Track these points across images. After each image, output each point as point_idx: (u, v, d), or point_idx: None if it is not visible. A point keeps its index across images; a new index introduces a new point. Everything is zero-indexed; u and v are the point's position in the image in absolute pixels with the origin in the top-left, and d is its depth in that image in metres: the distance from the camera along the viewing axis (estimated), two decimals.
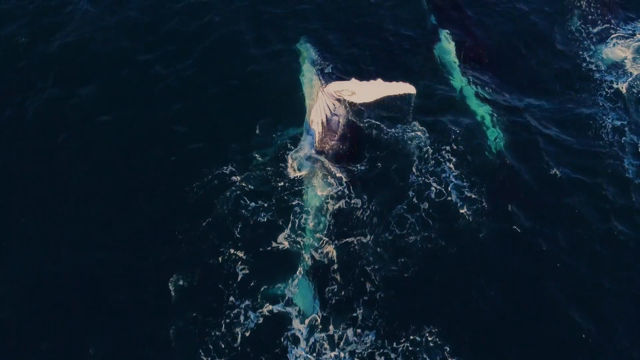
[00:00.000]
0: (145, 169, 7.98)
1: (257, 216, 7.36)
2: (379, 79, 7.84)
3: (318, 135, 8.29)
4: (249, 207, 7.44)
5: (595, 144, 8.81)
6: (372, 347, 6.39)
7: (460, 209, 7.65)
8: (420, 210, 7.56)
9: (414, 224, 7.43)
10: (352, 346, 6.37)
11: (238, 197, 7.55)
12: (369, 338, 6.45)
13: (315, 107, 8.47)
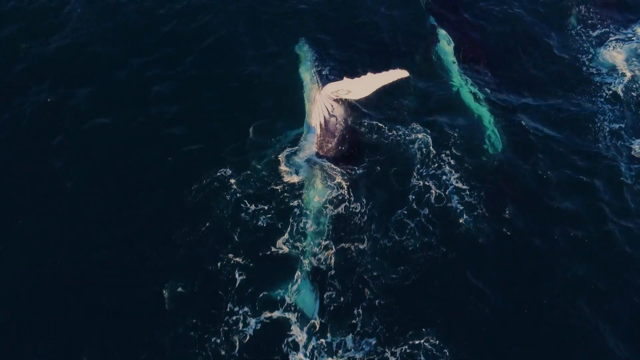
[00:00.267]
0: (143, 172, 7.91)
1: (256, 220, 7.31)
2: (369, 73, 7.88)
3: (317, 138, 8.26)
4: (248, 211, 7.39)
5: (593, 146, 8.79)
6: (372, 354, 6.36)
7: (460, 214, 7.62)
8: (420, 216, 7.53)
9: (413, 229, 7.39)
10: (351, 352, 6.35)
11: (237, 200, 7.49)
12: (369, 344, 6.42)
13: (313, 109, 8.42)
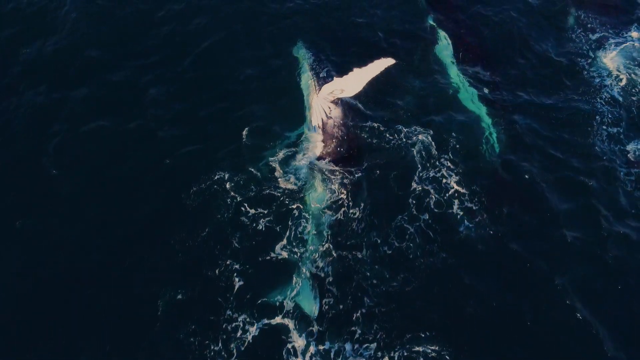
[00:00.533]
0: (141, 175, 7.83)
1: (255, 225, 7.25)
2: (355, 68, 7.92)
3: (316, 140, 8.20)
4: (248, 215, 7.32)
5: (591, 149, 8.79)
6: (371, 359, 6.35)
7: (460, 219, 7.60)
8: (419, 221, 7.49)
9: (413, 234, 7.36)
10: (350, 359, 6.32)
11: (236, 204, 7.42)
12: (368, 350, 6.40)
13: (312, 112, 8.38)
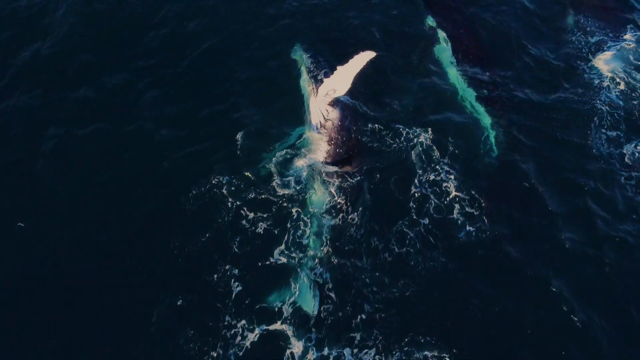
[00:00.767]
0: (138, 179, 7.75)
1: (254, 229, 7.20)
2: (339, 66, 7.99)
3: (315, 143, 8.16)
4: (248, 219, 7.27)
5: (590, 152, 8.81)
6: None
7: (460, 224, 7.59)
8: (420, 226, 7.48)
9: (413, 239, 7.35)
10: None
11: (235, 208, 7.37)
12: (368, 355, 6.38)
13: (311, 114, 8.34)
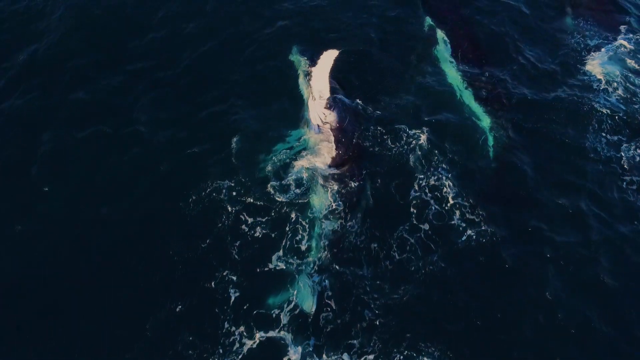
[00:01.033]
0: (137, 183, 7.74)
1: (253, 235, 7.21)
2: (311, 69, 8.20)
3: (314, 146, 8.14)
4: (248, 225, 7.29)
5: (592, 155, 8.77)
6: None
7: (460, 229, 7.58)
8: (420, 231, 7.48)
9: (414, 245, 7.35)
10: None
11: (235, 213, 7.38)
12: None
13: (309, 117, 8.33)
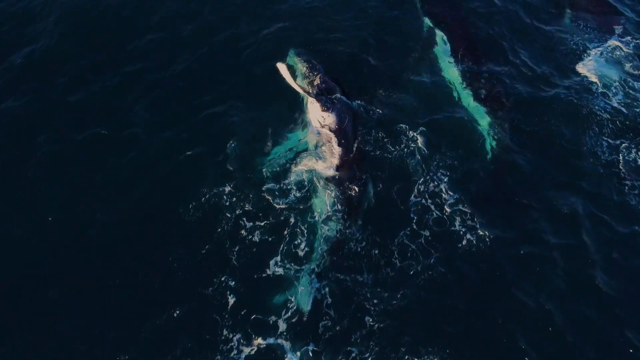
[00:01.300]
0: (134, 187, 7.70)
1: (253, 240, 7.20)
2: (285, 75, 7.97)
3: (314, 146, 8.12)
4: (247, 231, 7.29)
5: (588, 155, 8.72)
6: None
7: (461, 234, 7.56)
8: (420, 237, 7.47)
9: (415, 251, 7.34)
10: None
11: (234, 218, 7.39)
12: None
13: (308, 120, 8.32)
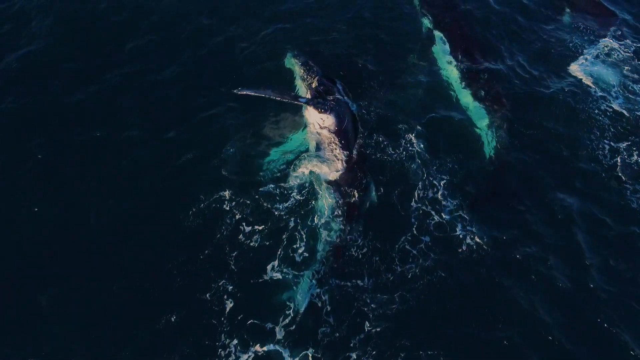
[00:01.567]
0: (132, 191, 7.73)
1: (252, 246, 7.23)
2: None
3: (314, 150, 8.12)
4: (246, 237, 7.30)
5: (591, 163, 8.69)
6: None
7: (460, 237, 7.54)
8: (421, 243, 7.44)
9: (416, 256, 7.31)
10: None
11: (234, 225, 7.38)
12: None
13: (308, 122, 8.32)
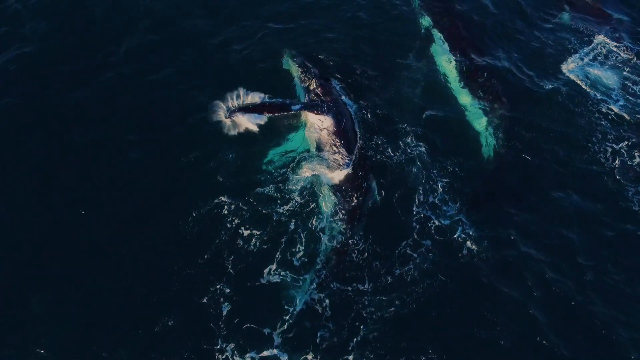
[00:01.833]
0: (131, 194, 7.73)
1: (251, 250, 7.21)
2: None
3: (313, 151, 8.13)
4: (244, 239, 7.29)
5: (590, 165, 8.69)
6: None
7: (460, 240, 7.51)
8: (421, 247, 7.41)
9: (416, 260, 7.27)
10: None
11: (234, 230, 7.37)
12: None
13: (307, 124, 8.32)
